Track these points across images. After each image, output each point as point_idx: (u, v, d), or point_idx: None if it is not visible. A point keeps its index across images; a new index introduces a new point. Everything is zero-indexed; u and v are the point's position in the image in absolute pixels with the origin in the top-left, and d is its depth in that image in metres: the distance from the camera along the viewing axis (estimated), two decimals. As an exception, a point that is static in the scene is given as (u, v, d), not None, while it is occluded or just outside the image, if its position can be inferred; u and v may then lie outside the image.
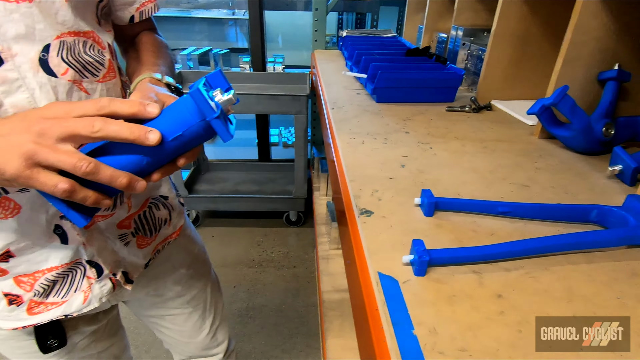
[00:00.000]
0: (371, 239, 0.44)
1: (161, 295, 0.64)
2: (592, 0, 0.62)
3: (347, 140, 0.72)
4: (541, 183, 0.58)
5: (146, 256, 0.57)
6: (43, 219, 0.44)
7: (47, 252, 0.46)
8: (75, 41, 0.42)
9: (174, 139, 0.34)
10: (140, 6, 0.51)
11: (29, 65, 0.38)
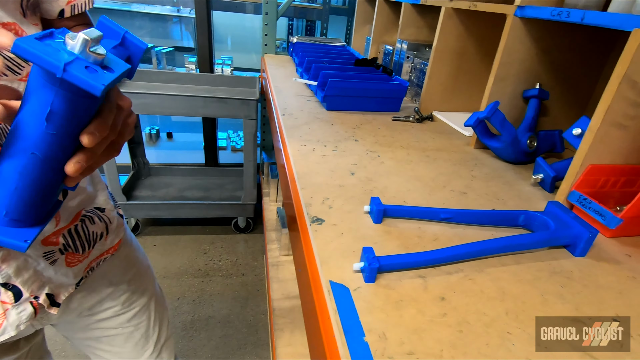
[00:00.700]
0: (322, 247, 0.45)
1: (96, 315, 0.58)
2: (518, 28, 0.69)
3: (298, 148, 0.72)
4: (476, 190, 0.63)
5: (77, 275, 0.51)
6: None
7: None
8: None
9: (47, 117, 0.27)
10: (71, 0, 0.47)
11: None
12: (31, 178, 0.29)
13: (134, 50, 0.33)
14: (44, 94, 0.27)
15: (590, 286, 0.43)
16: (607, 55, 0.76)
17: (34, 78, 0.27)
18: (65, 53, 0.25)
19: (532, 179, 0.65)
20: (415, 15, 1.19)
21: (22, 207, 0.30)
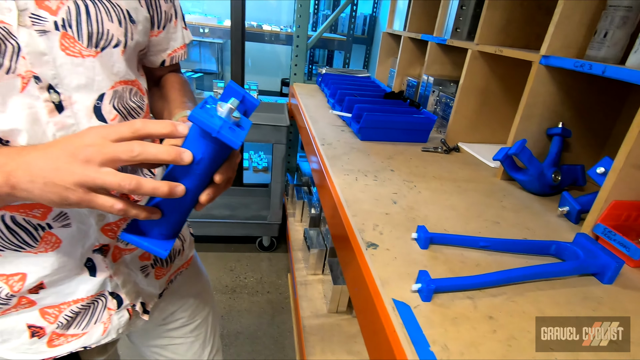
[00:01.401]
0: (380, 269, 0.52)
1: (168, 324, 0.65)
2: (542, 74, 0.78)
3: (342, 177, 0.80)
4: (507, 220, 0.70)
5: (161, 286, 0.59)
6: (78, 253, 0.46)
7: (76, 284, 0.48)
8: (124, 89, 0.46)
9: (198, 161, 0.36)
10: (172, 52, 0.57)
11: (84, 112, 0.42)
12: (183, 206, 0.38)
13: (249, 106, 0.42)
14: (199, 145, 0.36)
15: (618, 310, 0.48)
16: (625, 98, 0.83)
17: (193, 132, 0.36)
18: (218, 119, 0.35)
19: (559, 211, 0.72)
20: (440, 53, 1.28)
21: (173, 227, 0.39)
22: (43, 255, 0.44)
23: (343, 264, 0.66)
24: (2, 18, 0.35)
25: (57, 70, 0.39)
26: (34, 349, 0.49)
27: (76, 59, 0.40)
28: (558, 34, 0.74)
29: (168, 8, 0.53)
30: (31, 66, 0.37)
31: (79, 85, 0.41)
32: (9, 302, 0.45)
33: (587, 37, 0.75)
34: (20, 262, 0.44)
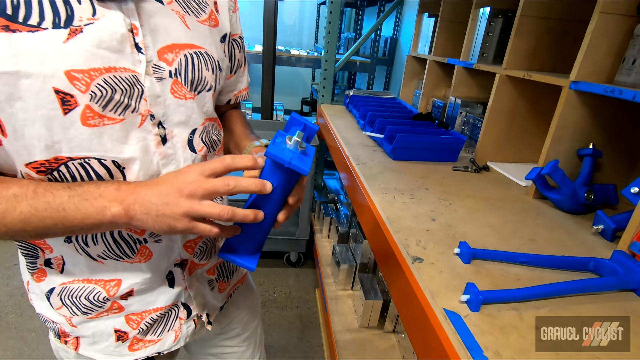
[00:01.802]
0: (428, 282, 0.56)
1: (224, 334, 0.71)
2: (572, 98, 0.82)
3: (381, 195, 0.85)
4: (543, 237, 0.73)
5: (223, 299, 0.65)
6: (164, 265, 0.53)
7: (157, 294, 0.54)
8: (209, 125, 0.54)
9: (275, 188, 0.43)
10: (238, 93, 0.65)
11: (181, 144, 0.49)
12: (265, 226, 0.44)
13: (310, 132, 0.48)
14: (275, 175, 0.44)
15: (660, 324, 0.51)
16: (654, 120, 0.86)
17: (268, 165, 0.44)
18: (288, 151, 0.42)
19: (593, 229, 0.75)
20: (466, 76, 1.34)
21: (258, 244, 0.45)
22: (137, 265, 0.50)
23: (388, 278, 0.70)
24: (134, 68, 0.42)
25: (166, 109, 0.46)
26: (117, 352, 0.55)
27: (180, 100, 0.48)
28: (587, 61, 0.78)
29: (240, 57, 0.61)
30: (149, 106, 0.45)
31: (179, 121, 0.48)
32: (104, 305, 0.52)
33: (615, 64, 0.79)
34: (118, 270, 0.50)
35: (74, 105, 0.40)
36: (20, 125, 0.40)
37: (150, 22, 0.44)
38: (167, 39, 0.46)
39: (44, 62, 0.38)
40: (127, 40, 0.42)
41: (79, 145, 0.42)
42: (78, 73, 0.40)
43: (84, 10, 0.40)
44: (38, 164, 0.42)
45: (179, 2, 0.48)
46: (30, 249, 0.50)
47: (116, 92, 0.42)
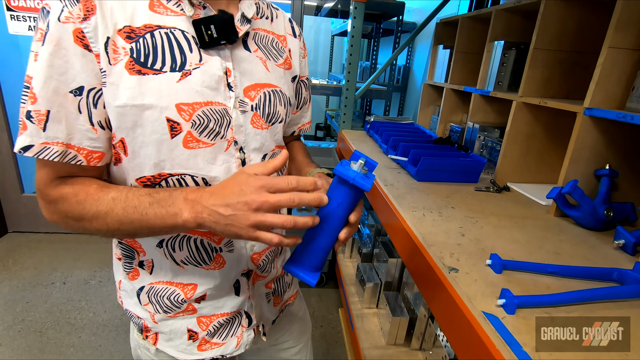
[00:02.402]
0: (465, 289, 0.62)
1: (277, 345, 0.77)
2: (587, 122, 0.89)
3: (411, 214, 0.92)
4: (567, 252, 0.78)
5: (276, 313, 0.72)
6: (233, 274, 0.60)
7: (224, 300, 0.61)
8: (278, 151, 0.63)
9: (338, 204, 0.50)
10: (302, 126, 0.74)
11: None
12: (327, 242, 0.51)
13: (370, 167, 0.55)
14: (339, 191, 0.51)
15: (683, 327, 0.56)
16: (665, 142, 0.92)
17: (334, 184, 0.51)
18: (352, 171, 0.50)
19: (614, 243, 0.80)
20: (483, 103, 1.43)
21: (320, 261, 0.52)
22: (211, 272, 0.58)
23: (425, 288, 0.76)
24: (225, 102, 0.52)
25: (246, 137, 0.56)
26: (188, 350, 0.62)
27: (258, 130, 0.57)
28: (599, 89, 0.86)
29: (306, 95, 0.72)
30: (234, 134, 0.54)
31: (255, 147, 0.57)
32: (181, 306, 0.59)
33: (625, 92, 0.87)
34: (195, 275, 0.58)
35: (179, 131, 0.50)
36: (138, 147, 0.49)
37: (240, 66, 0.54)
38: (252, 79, 0.56)
39: (162, 97, 0.48)
40: (222, 80, 0.52)
41: (179, 164, 0.51)
42: (185, 106, 0.49)
43: (193, 57, 0.50)
44: (145, 179, 0.51)
45: (262, 49, 0.58)
46: (129, 251, 0.59)
47: (210, 121, 0.51)
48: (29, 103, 0.47)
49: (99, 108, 0.49)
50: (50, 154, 0.48)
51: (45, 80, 0.46)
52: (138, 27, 0.49)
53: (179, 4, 0.51)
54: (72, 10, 0.45)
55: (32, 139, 0.47)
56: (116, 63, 0.47)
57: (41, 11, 0.46)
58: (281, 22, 0.65)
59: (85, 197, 0.50)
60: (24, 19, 1.88)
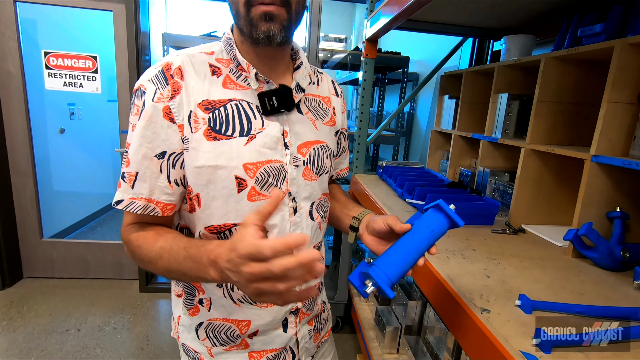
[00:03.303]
0: (500, 329, 0.65)
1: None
2: (595, 168, 0.96)
3: (435, 256, 0.96)
4: (590, 292, 0.82)
5: (314, 349, 0.75)
6: (283, 312, 0.64)
7: (273, 337, 0.65)
8: (324, 199, 0.70)
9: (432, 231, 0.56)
10: (340, 171, 0.82)
11: (305, 214, 0.65)
12: (410, 264, 0.56)
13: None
14: (435, 221, 0.58)
15: None
16: (670, 186, 0.98)
17: (430, 214, 0.58)
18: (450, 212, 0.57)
19: (634, 284, 0.83)
20: (491, 149, 1.51)
21: (398, 278, 0.56)
22: (264, 310, 0.62)
23: (457, 329, 0.79)
24: (282, 159, 0.60)
25: (298, 188, 0.63)
26: None
27: (308, 181, 0.64)
28: (602, 139, 0.94)
29: (345, 144, 0.80)
30: (289, 186, 0.61)
31: (305, 197, 0.64)
32: (236, 341, 0.63)
33: (627, 140, 0.94)
34: (249, 312, 0.62)
35: (244, 187, 0.57)
36: (210, 200, 0.56)
37: (294, 127, 0.63)
38: (304, 138, 0.64)
39: (232, 158, 0.56)
40: (280, 141, 0.60)
41: (243, 215, 0.58)
42: (250, 165, 0.57)
43: (257, 123, 0.59)
44: (213, 227, 0.58)
45: (312, 111, 0.67)
46: (190, 289, 0.65)
47: (270, 177, 0.59)
48: (124, 165, 0.57)
49: (176, 169, 0.58)
50: (136, 207, 0.57)
51: (137, 147, 0.56)
52: (214, 100, 0.58)
53: (246, 79, 0.61)
54: (163, 91, 0.56)
55: (122, 195, 0.57)
56: (197, 131, 0.57)
57: (138, 90, 0.56)
58: (325, 84, 0.74)
59: (142, 243, 0.57)
60: (60, 76, 2.04)
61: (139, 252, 0.57)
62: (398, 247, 0.57)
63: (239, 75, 0.61)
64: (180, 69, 0.58)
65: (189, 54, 0.60)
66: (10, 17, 1.96)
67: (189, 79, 0.58)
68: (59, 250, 2.32)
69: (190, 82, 0.57)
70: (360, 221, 0.67)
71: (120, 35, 2.02)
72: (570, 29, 1.13)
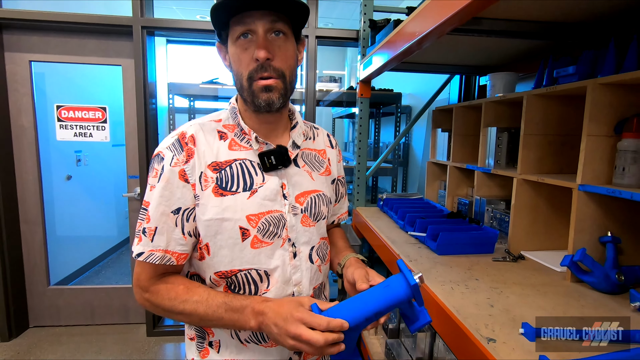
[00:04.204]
0: (506, 357, 0.69)
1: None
2: (583, 196, 1.02)
3: (440, 288, 1.00)
4: (591, 316, 0.85)
5: None
6: (286, 352, 0.70)
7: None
8: (322, 243, 0.76)
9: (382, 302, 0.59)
10: (340, 216, 0.88)
11: (304, 258, 0.70)
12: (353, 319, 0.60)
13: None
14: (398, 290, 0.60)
15: None
16: (655, 209, 1.05)
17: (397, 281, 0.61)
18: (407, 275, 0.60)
19: (632, 306, 0.87)
20: (485, 179, 1.59)
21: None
22: (269, 349, 0.67)
23: (465, 358, 0.82)
24: (281, 209, 0.67)
25: (297, 234, 0.69)
26: None
27: (306, 227, 0.70)
28: (587, 169, 1.01)
29: (342, 190, 0.87)
30: (288, 233, 0.67)
31: (304, 242, 0.70)
32: None
33: (609, 169, 1.02)
34: (255, 352, 0.67)
35: (247, 236, 0.64)
36: (217, 249, 0.64)
37: (292, 180, 0.70)
38: (301, 188, 0.71)
39: (236, 211, 0.63)
40: (279, 193, 0.67)
41: (247, 261, 0.65)
42: (253, 216, 0.64)
43: (258, 179, 0.66)
44: (221, 273, 0.65)
45: (308, 164, 0.75)
46: (201, 332, 0.71)
47: (271, 225, 0.66)
48: (145, 222, 0.64)
49: (189, 222, 0.66)
50: (154, 258, 0.65)
51: (157, 205, 0.64)
52: (221, 161, 0.68)
53: (248, 142, 0.71)
54: (179, 157, 0.65)
55: (143, 248, 0.65)
56: (206, 189, 0.66)
57: (157, 156, 0.66)
58: (321, 138, 0.83)
59: (175, 295, 0.65)
60: (71, 127, 2.14)
61: (170, 305, 0.64)
62: (347, 303, 0.61)
63: (242, 138, 0.71)
64: (193, 137, 0.67)
65: (201, 123, 0.71)
66: (25, 75, 2.09)
67: (200, 144, 0.67)
68: (66, 297, 2.32)
69: (201, 147, 0.67)
70: (342, 267, 0.74)
71: (128, 86, 2.14)
72: (547, 69, 1.24)
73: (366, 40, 2.01)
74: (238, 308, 0.61)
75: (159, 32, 2.11)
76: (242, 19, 0.63)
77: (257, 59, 0.63)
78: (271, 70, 0.64)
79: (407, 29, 1.24)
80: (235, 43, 0.65)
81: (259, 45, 0.63)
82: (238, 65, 0.66)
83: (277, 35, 0.65)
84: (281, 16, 0.64)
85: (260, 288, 0.67)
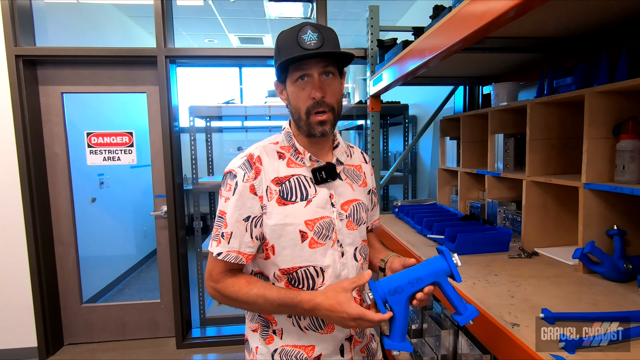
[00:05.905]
0: (530, 339, 0.79)
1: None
2: (588, 193, 1.13)
3: (463, 283, 1.10)
4: (603, 301, 0.95)
5: None
6: (340, 337, 0.80)
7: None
8: (364, 245, 0.86)
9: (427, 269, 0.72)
10: (374, 222, 0.99)
11: (350, 257, 0.81)
12: (404, 281, 0.71)
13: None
14: (436, 262, 0.71)
15: None
16: (656, 203, 1.14)
17: (438, 259, 0.72)
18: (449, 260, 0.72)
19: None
20: (495, 182, 1.69)
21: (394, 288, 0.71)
22: (325, 335, 0.77)
23: (492, 344, 0.91)
24: (331, 215, 0.79)
25: (343, 237, 0.80)
26: None
27: (350, 231, 0.82)
28: (590, 168, 1.12)
29: (375, 200, 0.98)
30: (337, 235, 0.78)
31: (349, 243, 0.81)
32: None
33: (611, 167, 1.12)
34: (313, 338, 0.78)
35: (306, 238, 0.76)
36: (281, 249, 0.76)
37: (337, 191, 0.82)
38: (345, 198, 0.83)
39: (296, 217, 0.75)
40: (328, 202, 0.79)
41: (305, 259, 0.77)
42: (310, 221, 0.75)
43: (312, 191, 0.78)
44: (284, 270, 0.77)
45: (349, 177, 0.86)
46: (265, 322, 0.82)
47: (324, 229, 0.77)
48: (222, 227, 0.78)
49: (257, 228, 0.79)
50: (230, 257, 0.78)
51: (232, 214, 0.77)
52: (282, 176, 0.80)
53: (302, 160, 0.83)
54: (249, 174, 0.78)
55: (222, 249, 0.78)
56: (271, 199, 0.78)
57: (229, 173, 0.78)
58: (357, 155, 0.94)
59: (239, 288, 0.78)
60: (100, 152, 2.28)
61: (235, 295, 0.77)
62: (399, 273, 0.74)
63: (297, 157, 0.84)
64: (260, 158, 0.81)
65: (263, 145, 0.84)
66: (57, 106, 2.24)
67: (265, 163, 0.81)
68: (98, 314, 2.43)
69: (266, 165, 0.80)
70: (386, 262, 0.84)
71: (153, 111, 2.29)
72: (547, 79, 1.36)
73: (374, 58, 2.14)
74: (289, 304, 0.73)
75: (180, 61, 2.27)
76: (300, 66, 0.77)
77: (313, 98, 0.77)
78: (325, 106, 0.78)
79: (418, 47, 1.37)
80: (295, 84, 0.79)
81: (315, 87, 0.77)
82: (297, 102, 0.79)
83: (327, 76, 0.78)
84: (331, 60, 0.78)
85: (317, 282, 0.79)
